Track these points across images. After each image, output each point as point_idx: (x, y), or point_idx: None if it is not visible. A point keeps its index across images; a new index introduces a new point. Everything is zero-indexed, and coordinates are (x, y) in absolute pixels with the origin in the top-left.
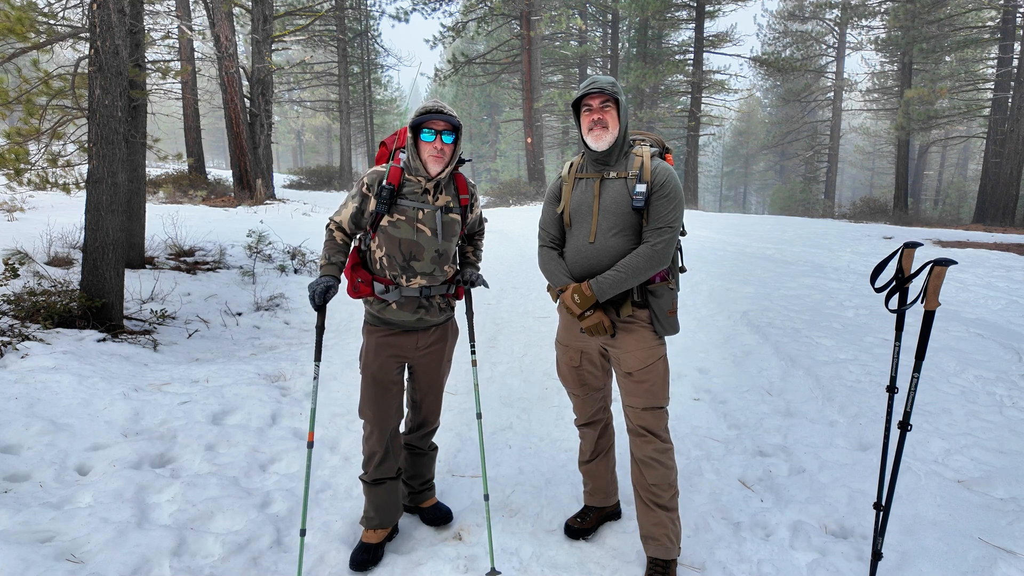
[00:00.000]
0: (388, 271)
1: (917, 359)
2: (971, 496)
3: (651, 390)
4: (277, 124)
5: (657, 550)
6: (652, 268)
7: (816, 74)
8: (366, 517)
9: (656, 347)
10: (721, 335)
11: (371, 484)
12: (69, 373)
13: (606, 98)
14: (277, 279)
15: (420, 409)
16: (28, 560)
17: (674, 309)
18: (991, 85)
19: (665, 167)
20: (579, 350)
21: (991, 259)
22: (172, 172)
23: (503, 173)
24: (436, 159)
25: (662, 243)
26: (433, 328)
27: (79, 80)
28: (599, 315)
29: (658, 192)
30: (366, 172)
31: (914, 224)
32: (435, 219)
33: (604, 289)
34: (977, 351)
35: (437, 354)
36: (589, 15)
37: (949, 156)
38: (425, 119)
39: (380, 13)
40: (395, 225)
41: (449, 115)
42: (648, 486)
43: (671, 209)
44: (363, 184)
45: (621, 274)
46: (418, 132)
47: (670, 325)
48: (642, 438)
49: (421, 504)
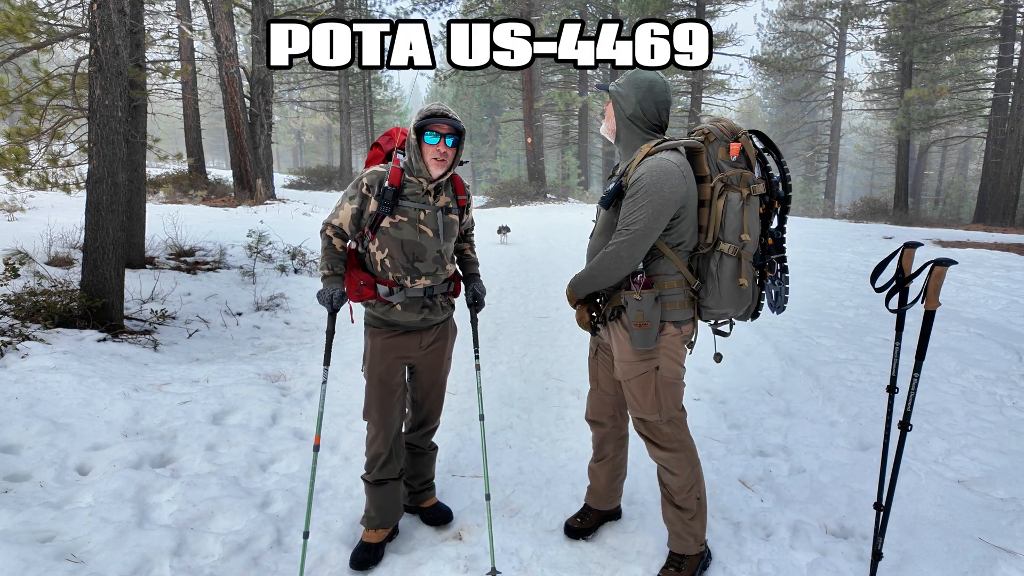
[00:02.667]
0: (391, 273)
1: (917, 359)
2: (971, 496)
3: (635, 402)
4: (277, 124)
5: (673, 543)
6: (607, 271)
7: (816, 74)
8: (367, 517)
9: (635, 363)
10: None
11: (374, 484)
12: (69, 373)
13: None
14: (277, 279)
15: (422, 408)
16: (28, 560)
17: (640, 322)
18: (991, 85)
19: (652, 165)
20: (596, 342)
21: (991, 259)
22: (172, 172)
23: (503, 173)
24: (439, 162)
25: (613, 246)
26: (435, 327)
27: (79, 80)
28: (581, 311)
29: (628, 191)
30: (363, 173)
31: (914, 224)
32: (437, 220)
33: (574, 284)
34: (977, 351)
35: (439, 352)
36: (589, 15)
37: (949, 156)
38: (429, 122)
39: (380, 13)
40: (397, 226)
41: (453, 119)
42: (663, 484)
43: (633, 211)
44: (362, 185)
45: (587, 272)
46: (421, 134)
47: (638, 338)
48: (645, 443)
49: (421, 504)
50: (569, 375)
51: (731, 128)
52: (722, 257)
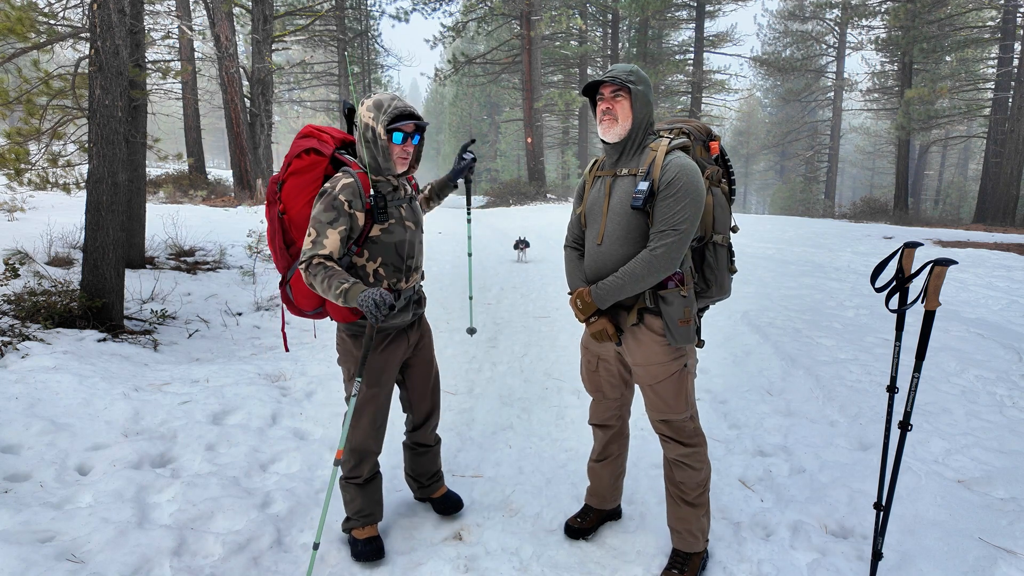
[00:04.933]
0: (386, 280)
1: (917, 359)
2: (971, 496)
3: (662, 405)
4: (277, 124)
5: (680, 542)
6: (652, 275)
7: (816, 74)
8: (361, 516)
9: (667, 363)
10: (721, 335)
11: (367, 481)
12: (69, 373)
13: (617, 87)
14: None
15: (423, 406)
16: (28, 560)
17: (686, 318)
18: (991, 85)
19: (679, 163)
20: (597, 355)
21: (991, 259)
22: (172, 172)
23: (503, 173)
24: (403, 160)
25: (662, 248)
26: (417, 323)
27: (79, 80)
28: (603, 322)
29: (664, 191)
30: (333, 191)
31: (914, 224)
32: (412, 210)
33: (602, 295)
34: (977, 351)
35: (427, 348)
36: (589, 15)
37: (949, 156)
38: (399, 123)
39: (380, 13)
40: (388, 231)
41: (418, 117)
42: (676, 483)
43: (677, 210)
44: (342, 204)
45: (619, 280)
46: (390, 135)
47: (682, 335)
48: (665, 442)
49: (432, 495)
50: (569, 375)
51: (704, 128)
52: (716, 248)
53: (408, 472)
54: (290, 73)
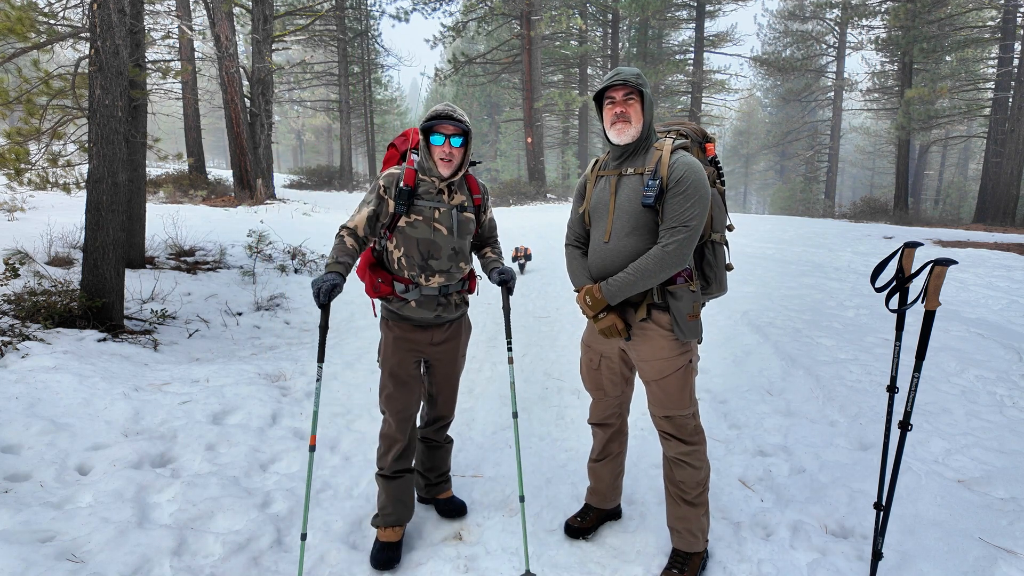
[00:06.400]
0: (407, 271)
1: (917, 359)
2: (971, 496)
3: (667, 400)
4: (277, 124)
5: (680, 542)
6: (664, 270)
7: (816, 74)
8: (382, 514)
9: (674, 358)
10: (721, 335)
11: (391, 478)
12: (69, 373)
13: (630, 90)
14: (277, 279)
15: (436, 403)
16: (28, 560)
17: (695, 313)
18: (991, 85)
19: (686, 161)
20: (599, 353)
21: (991, 259)
22: (172, 172)
23: (503, 173)
24: (445, 163)
25: (674, 244)
26: (448, 324)
27: (79, 80)
28: (612, 317)
29: (673, 188)
30: (380, 175)
31: (914, 224)
32: (451, 217)
33: (613, 292)
34: (978, 351)
35: (452, 349)
36: (589, 15)
37: (949, 156)
38: (434, 124)
39: (380, 13)
40: (412, 225)
41: (459, 120)
42: (676, 482)
43: (687, 207)
44: (379, 187)
45: (631, 276)
46: (427, 135)
47: (691, 329)
48: (666, 440)
49: (437, 496)
50: (569, 375)
51: (700, 130)
52: (715, 246)
53: (418, 466)
54: (290, 73)
